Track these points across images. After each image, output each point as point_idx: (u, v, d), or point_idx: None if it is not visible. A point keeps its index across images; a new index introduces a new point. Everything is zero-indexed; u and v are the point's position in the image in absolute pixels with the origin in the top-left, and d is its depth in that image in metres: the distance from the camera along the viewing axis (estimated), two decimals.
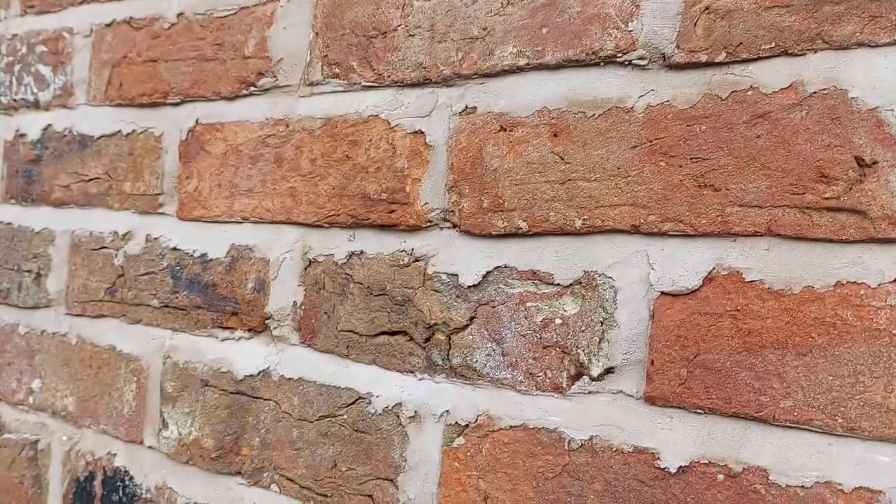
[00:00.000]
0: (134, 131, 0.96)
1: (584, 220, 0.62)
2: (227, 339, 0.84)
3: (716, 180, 0.56)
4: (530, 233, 0.65)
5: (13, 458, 1.03)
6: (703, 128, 0.57)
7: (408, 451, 0.70)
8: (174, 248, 0.90)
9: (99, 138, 0.99)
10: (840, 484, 0.50)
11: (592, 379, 0.61)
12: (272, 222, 0.81)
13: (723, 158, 0.56)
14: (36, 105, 1.07)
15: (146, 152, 0.94)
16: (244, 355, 0.82)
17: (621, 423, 0.59)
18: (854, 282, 0.51)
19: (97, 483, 0.94)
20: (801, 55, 0.53)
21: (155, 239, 0.92)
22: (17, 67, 1.11)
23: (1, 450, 1.05)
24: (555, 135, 0.64)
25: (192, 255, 0.88)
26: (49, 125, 1.05)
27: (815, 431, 0.51)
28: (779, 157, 0.54)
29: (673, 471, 0.56)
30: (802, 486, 0.51)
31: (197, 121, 0.89)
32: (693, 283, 0.57)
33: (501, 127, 0.66)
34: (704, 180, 0.57)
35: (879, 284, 0.50)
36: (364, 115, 0.75)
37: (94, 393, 0.96)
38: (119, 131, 0.97)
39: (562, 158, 0.63)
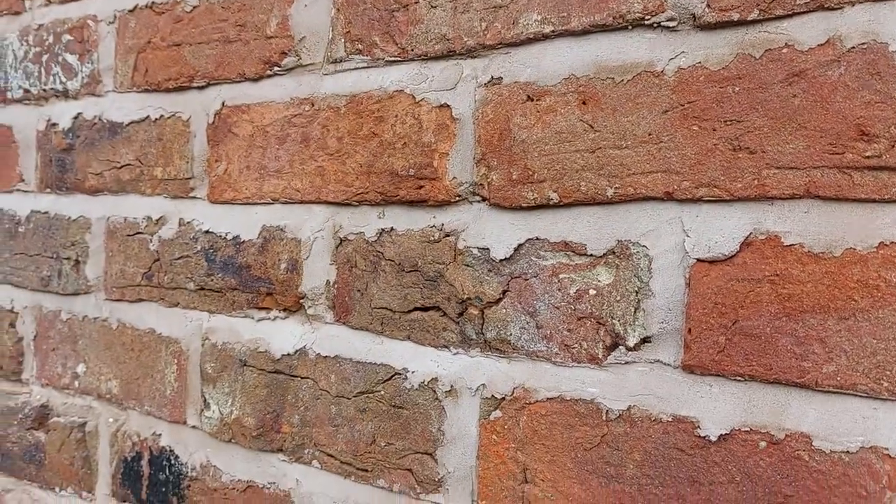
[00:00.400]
0: (162, 116, 0.96)
1: (615, 188, 0.61)
2: (262, 319, 0.85)
3: (751, 143, 0.55)
4: (561, 203, 0.64)
5: (63, 440, 1.06)
6: (737, 89, 0.55)
7: (445, 424, 0.70)
8: (207, 232, 0.90)
9: (128, 125, 1.00)
10: (886, 448, 0.49)
11: (629, 349, 0.60)
12: (302, 202, 0.81)
13: (758, 120, 0.54)
14: (65, 94, 1.08)
15: (175, 137, 0.94)
16: (280, 335, 0.83)
17: (659, 393, 0.59)
18: None
19: (144, 462, 0.97)
20: (838, 9, 0.51)
21: (188, 223, 0.93)
22: (44, 58, 1.12)
23: (51, 433, 1.08)
24: (583, 102, 0.63)
25: (224, 238, 0.88)
26: (79, 114, 1.06)
27: (860, 396, 0.50)
28: (816, 117, 0.52)
29: (713, 439, 0.56)
30: (847, 452, 0.51)
31: (223, 103, 0.89)
32: (730, 248, 0.56)
33: (528, 97, 0.65)
34: (739, 143, 0.55)
35: None
36: (389, 91, 0.74)
37: (136, 375, 0.98)
38: (147, 117, 0.98)
39: (591, 126, 0.62)
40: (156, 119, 0.97)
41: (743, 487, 0.55)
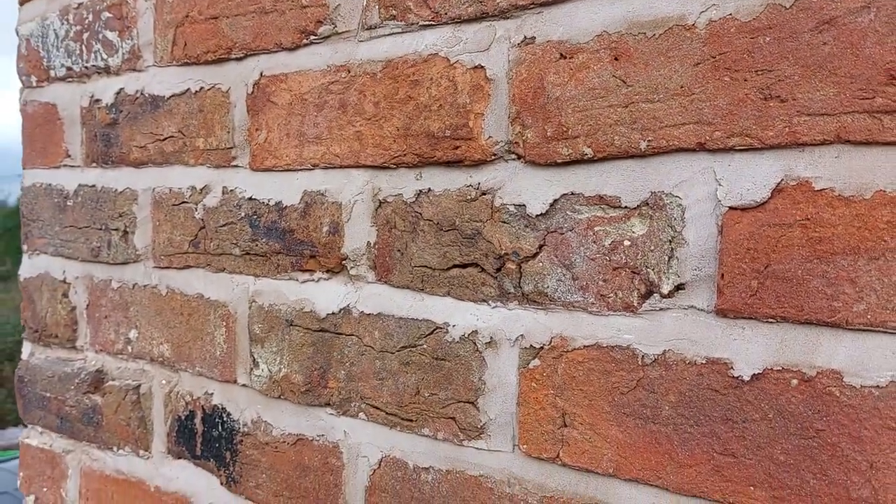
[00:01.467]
0: (202, 88, 0.99)
1: (648, 141, 0.63)
2: (307, 280, 0.89)
3: (782, 91, 0.56)
4: (595, 158, 0.66)
5: (118, 402, 1.12)
6: (767, 39, 0.57)
7: (486, 374, 0.73)
8: (250, 199, 0.94)
9: (169, 98, 1.03)
10: None
11: (663, 296, 0.63)
12: (341, 167, 0.84)
13: (788, 69, 0.56)
14: (107, 70, 1.12)
15: (215, 108, 0.98)
16: (325, 295, 0.87)
17: (693, 337, 0.61)
18: None
19: (198, 420, 1.02)
20: None
21: (231, 191, 0.96)
22: (85, 35, 1.15)
23: (107, 396, 1.13)
24: (615, 58, 0.64)
25: (267, 204, 0.92)
26: (121, 89, 1.10)
27: (890, 333, 0.52)
28: (846, 63, 0.53)
29: (746, 378, 0.58)
30: (877, 386, 0.53)
31: (261, 73, 0.92)
32: (761, 195, 0.58)
33: (561, 55, 0.67)
34: (770, 92, 0.57)
35: None
36: (423, 55, 0.76)
37: (187, 339, 1.03)
38: (188, 90, 1.01)
39: (624, 82, 0.64)
40: (196, 91, 1.00)
41: (775, 424, 0.57)
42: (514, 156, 0.71)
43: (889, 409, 0.52)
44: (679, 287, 0.62)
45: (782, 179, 0.57)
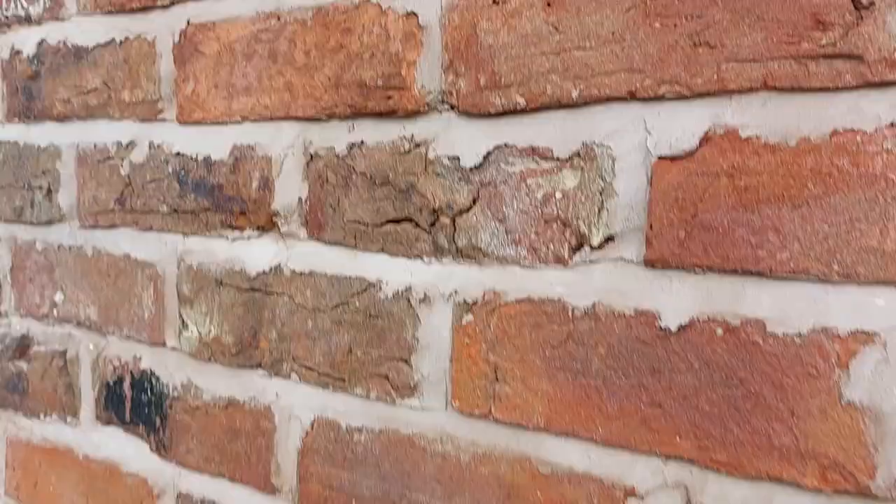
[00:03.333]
0: (127, 38, 0.95)
1: (580, 90, 0.61)
2: (237, 238, 0.86)
3: (711, 37, 0.55)
4: (528, 108, 0.64)
5: (45, 368, 1.07)
6: None
7: (419, 331, 0.72)
8: (177, 154, 0.90)
9: (93, 49, 0.98)
10: (836, 329, 0.52)
11: (593, 248, 0.62)
12: (271, 119, 0.81)
13: (717, 14, 0.55)
14: (28, 20, 1.06)
15: (141, 59, 0.93)
16: (255, 253, 0.84)
17: (622, 288, 0.61)
18: (850, 129, 0.51)
19: (126, 386, 0.98)
20: None
21: (158, 146, 0.92)
22: None
23: (33, 362, 1.09)
24: (548, 4, 0.62)
25: (195, 159, 0.88)
26: (43, 40, 1.04)
27: (812, 281, 0.52)
28: (774, 8, 0.53)
29: (673, 329, 0.58)
30: (799, 334, 0.53)
31: (188, 22, 0.87)
32: (690, 144, 0.57)
33: (494, 1, 0.65)
34: (700, 38, 0.56)
35: (876, 129, 0.50)
36: (355, 1, 0.74)
37: (114, 301, 0.99)
38: (113, 40, 0.96)
39: (556, 28, 0.62)
40: (121, 41, 0.95)
41: (701, 374, 0.57)
42: (447, 106, 0.69)
43: (810, 357, 0.52)
44: (609, 239, 0.61)
45: (710, 128, 0.56)
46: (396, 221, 0.74)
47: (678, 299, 0.58)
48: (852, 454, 0.51)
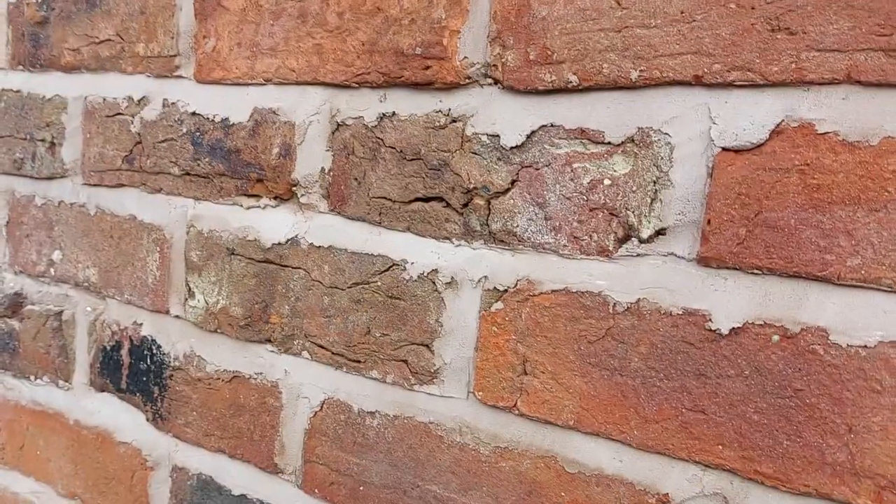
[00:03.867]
0: None
1: (640, 71, 0.57)
2: (252, 206, 0.81)
3: (792, 23, 0.51)
4: (581, 87, 0.60)
5: (38, 328, 1.03)
6: None
7: (444, 316, 0.68)
8: (193, 113, 0.85)
9: None
10: None
11: (641, 241, 0.58)
12: (297, 83, 0.77)
13: None
14: None
15: (159, 10, 0.88)
16: (271, 223, 0.80)
17: (671, 286, 0.57)
18: None
19: (124, 352, 0.94)
20: None
21: (172, 104, 0.87)
22: None
23: (25, 321, 1.05)
24: None
25: (212, 120, 0.84)
26: None
27: (883, 290, 0.49)
28: None
29: (724, 332, 0.54)
30: (865, 346, 0.50)
31: None
32: (759, 137, 0.53)
33: None
34: (780, 23, 0.52)
35: None
36: None
37: (116, 264, 0.94)
38: None
39: (618, 3, 0.58)
40: None
41: (751, 381, 0.54)
42: (490, 80, 0.65)
43: (874, 371, 0.49)
44: (660, 232, 0.58)
45: (783, 120, 0.52)
46: (426, 200, 0.70)
47: (732, 301, 0.54)
48: None
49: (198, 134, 0.85)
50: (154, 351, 0.91)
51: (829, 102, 0.51)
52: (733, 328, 0.54)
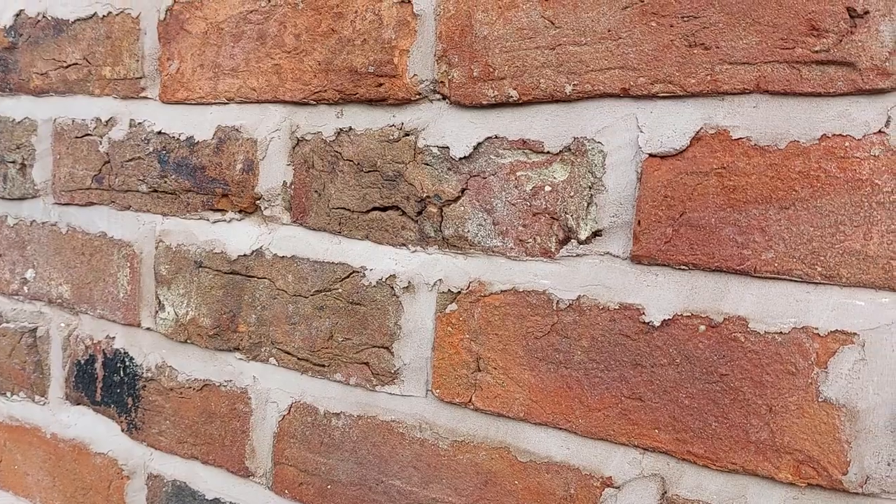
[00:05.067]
0: (110, 13, 0.93)
1: (574, 85, 0.62)
2: (218, 220, 0.85)
3: (706, 38, 0.56)
4: (520, 101, 0.65)
5: (13, 346, 1.05)
6: None
7: (402, 319, 0.72)
8: (159, 133, 0.89)
9: (74, 22, 0.96)
10: (816, 328, 0.53)
11: (580, 242, 0.63)
12: (258, 102, 0.80)
13: (714, 15, 0.56)
14: None
15: (124, 35, 0.91)
16: (236, 236, 0.83)
17: (608, 283, 0.61)
18: (839, 134, 0.52)
19: (98, 365, 0.97)
20: None
21: (139, 124, 0.91)
22: None
23: (1, 339, 1.07)
24: None
25: (177, 139, 0.87)
26: (21, 10, 1.02)
27: (795, 281, 0.54)
28: (770, 12, 0.54)
29: (657, 324, 0.59)
30: (780, 332, 0.54)
31: None
32: (681, 143, 0.58)
33: None
34: (695, 39, 0.56)
35: (864, 136, 0.51)
36: None
37: (88, 280, 0.97)
38: (95, 14, 0.94)
39: (552, 23, 0.63)
40: (104, 16, 0.93)
41: (682, 369, 0.58)
42: (439, 96, 0.69)
43: (789, 355, 0.54)
44: (596, 233, 0.62)
45: (701, 128, 0.57)
46: (382, 209, 0.74)
47: (663, 295, 0.59)
48: (826, 450, 0.53)
49: (164, 152, 0.88)
50: (127, 363, 0.94)
51: (741, 111, 0.55)
52: (664, 320, 0.59)
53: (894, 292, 0.51)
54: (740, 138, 0.55)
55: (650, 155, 0.59)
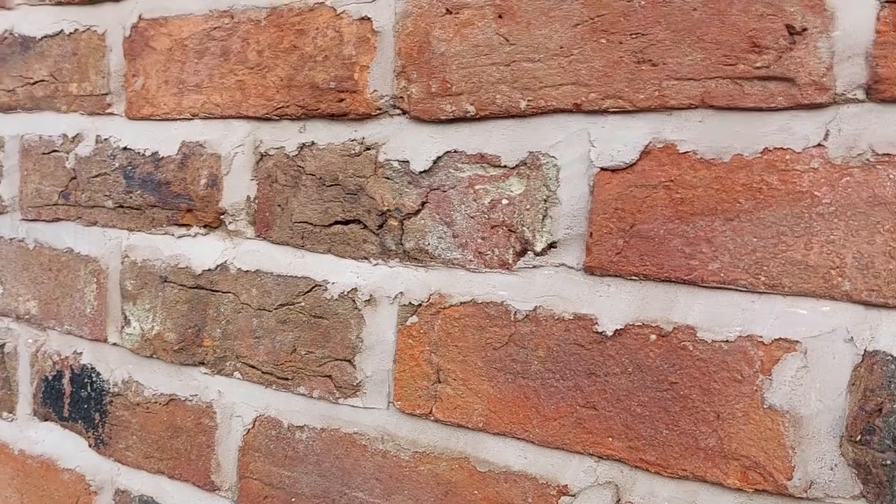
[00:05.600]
0: (76, 30, 0.93)
1: (528, 101, 0.63)
2: (183, 235, 0.85)
3: (654, 55, 0.58)
4: (478, 116, 0.66)
5: None
6: (643, 2, 0.58)
7: (364, 332, 0.73)
8: (125, 148, 0.89)
9: (41, 39, 0.96)
10: (761, 336, 0.54)
11: (536, 254, 0.64)
12: (222, 117, 0.81)
13: (660, 33, 0.57)
14: None
15: (90, 52, 0.92)
16: (201, 251, 0.84)
17: (563, 294, 0.62)
18: (781, 148, 0.53)
19: (65, 381, 0.96)
20: None
21: (105, 140, 0.91)
22: None
23: None
24: (500, 16, 0.64)
25: (143, 155, 0.87)
26: None
27: (740, 290, 0.55)
28: (714, 29, 0.55)
29: (609, 334, 0.60)
30: (726, 341, 0.55)
31: (140, 16, 0.87)
32: (630, 157, 0.59)
33: (447, 10, 0.67)
34: (643, 55, 0.58)
35: (804, 149, 0.53)
36: (310, 3, 0.74)
37: (55, 295, 0.97)
38: (61, 31, 0.95)
39: (507, 40, 0.64)
40: (70, 33, 0.94)
41: (634, 377, 0.59)
42: (398, 111, 0.70)
43: (736, 363, 0.55)
44: (552, 245, 0.63)
45: (650, 142, 0.58)
46: (344, 223, 0.74)
47: (615, 305, 0.60)
48: (772, 455, 0.54)
49: (129, 168, 0.88)
50: (94, 378, 0.94)
51: (688, 125, 0.57)
52: (617, 330, 0.60)
53: (835, 301, 0.52)
54: (687, 152, 0.57)
55: (602, 169, 0.60)
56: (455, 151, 0.68)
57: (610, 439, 0.60)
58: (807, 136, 0.53)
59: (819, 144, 0.52)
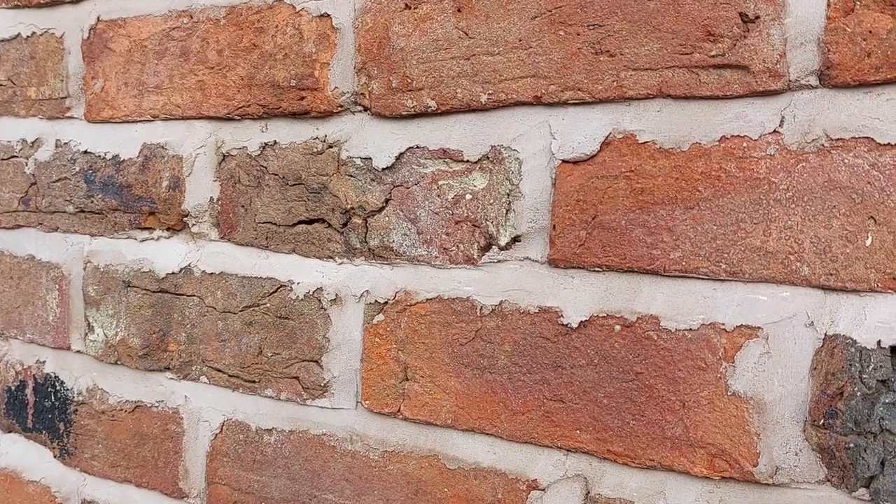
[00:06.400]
0: (34, 33, 0.92)
1: (489, 94, 0.63)
2: (146, 239, 0.84)
3: (611, 46, 0.58)
4: (439, 111, 0.66)
5: None
6: None
7: (330, 332, 0.72)
8: (85, 152, 0.88)
9: None
10: (723, 324, 0.54)
11: (501, 248, 0.63)
12: (183, 118, 0.80)
13: (617, 24, 0.57)
14: None
15: (48, 55, 0.90)
16: (165, 254, 0.82)
17: (528, 287, 0.62)
18: (737, 135, 0.54)
19: (29, 391, 0.94)
20: None
21: (65, 144, 0.89)
22: None
23: None
24: (458, 10, 0.64)
25: (103, 158, 0.86)
26: None
27: (702, 278, 0.55)
28: (669, 19, 0.55)
29: (574, 326, 0.60)
30: (690, 329, 0.55)
31: (98, 18, 0.85)
32: (591, 148, 0.59)
33: (406, 5, 0.66)
34: (601, 47, 0.58)
35: (760, 136, 0.53)
36: (269, 1, 0.73)
37: (17, 304, 0.95)
38: (18, 34, 0.93)
39: (466, 34, 0.64)
40: (28, 36, 0.92)
41: (600, 368, 0.59)
42: (360, 108, 0.70)
43: (699, 350, 0.55)
44: (516, 239, 0.63)
45: (610, 133, 0.58)
46: (308, 222, 0.74)
47: (579, 297, 0.60)
48: (737, 442, 0.54)
49: (90, 172, 0.87)
50: (58, 387, 0.92)
51: (646, 115, 0.57)
52: (582, 321, 0.60)
53: (794, 286, 0.52)
54: (646, 142, 0.57)
55: (563, 161, 0.60)
56: (417, 147, 0.67)
57: (578, 432, 0.60)
58: (763, 123, 0.53)
59: (775, 131, 0.53)
